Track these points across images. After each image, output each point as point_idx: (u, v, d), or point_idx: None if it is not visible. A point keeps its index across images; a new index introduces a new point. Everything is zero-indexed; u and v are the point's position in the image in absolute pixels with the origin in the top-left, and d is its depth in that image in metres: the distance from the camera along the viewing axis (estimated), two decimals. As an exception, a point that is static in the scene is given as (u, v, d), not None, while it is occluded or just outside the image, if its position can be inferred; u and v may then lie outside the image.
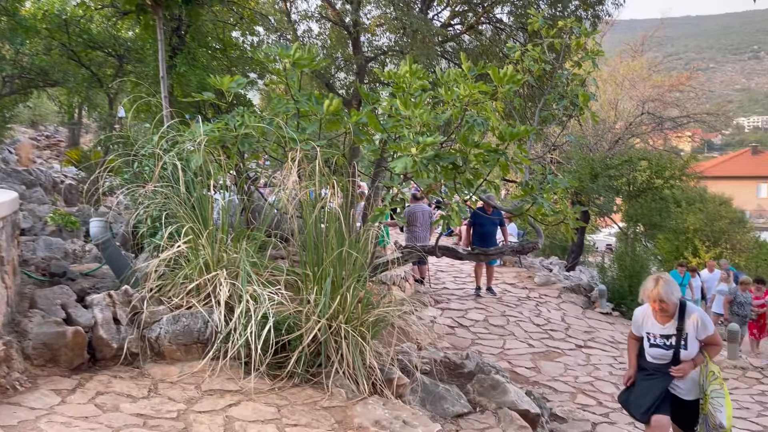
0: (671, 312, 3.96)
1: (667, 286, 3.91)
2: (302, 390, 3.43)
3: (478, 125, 4.12)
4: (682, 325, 3.95)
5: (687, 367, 3.96)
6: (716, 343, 4.06)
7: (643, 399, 4.04)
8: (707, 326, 3.96)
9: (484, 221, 9.61)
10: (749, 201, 38.68)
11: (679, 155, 21.90)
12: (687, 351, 3.95)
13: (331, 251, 3.77)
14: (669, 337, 3.99)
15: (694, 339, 3.95)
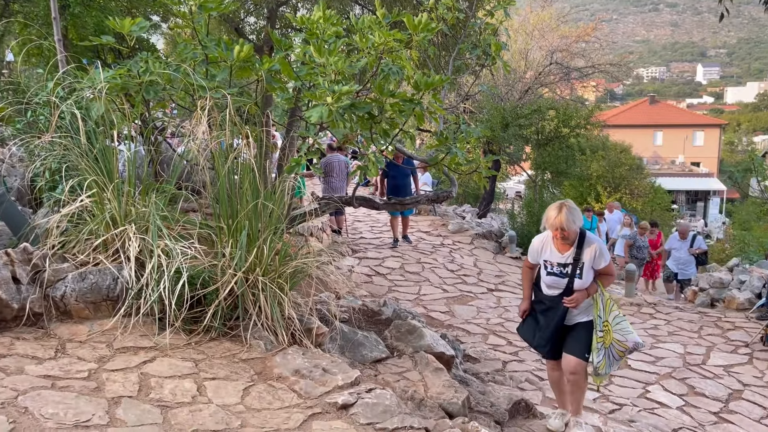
0: (572, 240, 3.88)
1: (570, 214, 3.79)
2: (220, 344, 3.40)
3: (393, 74, 4.09)
4: (579, 255, 3.87)
5: (580, 296, 3.88)
6: (610, 273, 4.01)
7: (543, 334, 4.01)
8: (604, 256, 3.90)
9: (396, 173, 9.68)
10: (646, 148, 41.04)
11: (584, 105, 22.77)
12: (581, 280, 3.88)
13: (246, 203, 3.69)
14: (566, 265, 3.92)
15: (589, 269, 3.89)
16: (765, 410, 5.15)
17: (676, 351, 6.53)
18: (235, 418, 2.64)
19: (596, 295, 3.90)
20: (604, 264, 3.89)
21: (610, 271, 3.99)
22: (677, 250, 11.23)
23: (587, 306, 3.95)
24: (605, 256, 3.90)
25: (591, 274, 3.90)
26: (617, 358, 3.85)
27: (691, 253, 11.10)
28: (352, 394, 2.97)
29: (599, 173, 24.58)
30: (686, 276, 11.07)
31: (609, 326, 3.79)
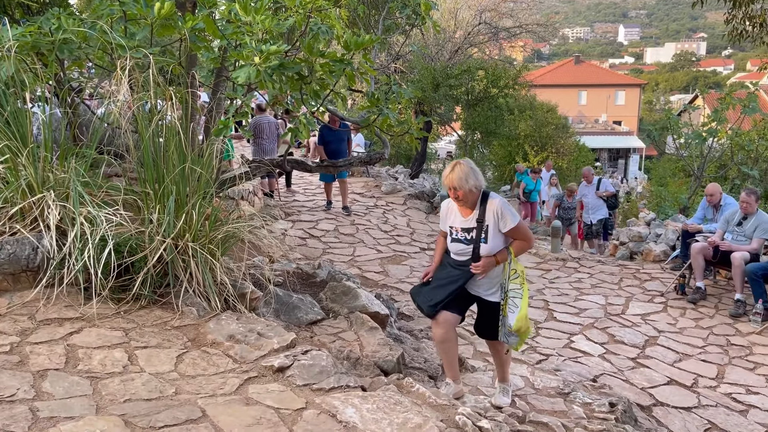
0: (471, 202, 3.53)
1: (463, 172, 3.45)
2: (151, 311, 3.32)
3: (322, 33, 4.02)
4: (482, 217, 3.51)
5: (487, 263, 3.50)
6: (524, 238, 3.59)
7: (434, 293, 3.63)
8: (507, 217, 3.48)
9: (331, 138, 9.44)
10: (571, 108, 42.21)
11: (512, 65, 23.10)
12: (487, 245, 3.51)
13: (173, 168, 3.58)
14: (470, 230, 3.55)
15: (496, 233, 3.51)
16: (678, 354, 5.52)
17: (598, 302, 6.87)
18: (169, 386, 2.61)
19: (506, 263, 3.53)
20: (511, 225, 3.49)
21: (523, 235, 3.57)
22: (585, 196, 11.36)
23: (499, 273, 3.58)
24: (511, 217, 3.49)
25: (499, 239, 3.53)
26: (507, 333, 3.54)
27: (599, 196, 11.17)
28: (288, 357, 2.98)
29: (527, 133, 25.16)
30: (597, 219, 11.20)
31: (507, 297, 3.50)
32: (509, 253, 3.53)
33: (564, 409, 3.77)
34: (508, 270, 3.51)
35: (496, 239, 3.53)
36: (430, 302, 3.61)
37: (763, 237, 6.88)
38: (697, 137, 12.34)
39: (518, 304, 3.45)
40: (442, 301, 3.57)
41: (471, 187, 3.47)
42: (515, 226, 3.51)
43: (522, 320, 3.43)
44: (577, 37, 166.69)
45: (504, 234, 3.53)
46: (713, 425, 4.27)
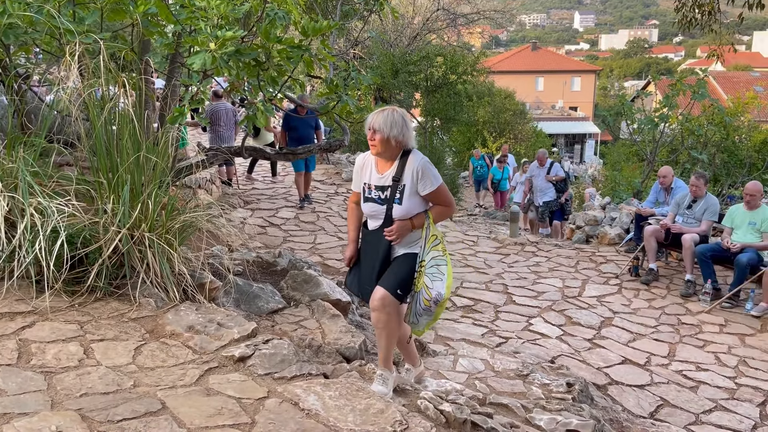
0: (385, 153, 3.11)
1: (392, 117, 3.06)
2: (106, 304, 3.25)
3: (279, 19, 3.96)
4: (399, 175, 3.11)
5: (400, 227, 3.11)
6: (445, 203, 3.21)
7: (366, 276, 3.26)
8: (428, 178, 3.09)
9: (297, 124, 9.09)
10: (529, 94, 42.73)
11: (470, 51, 23.22)
12: (401, 207, 3.11)
13: (127, 156, 3.49)
14: (385, 188, 3.15)
15: (413, 194, 3.11)
16: (632, 334, 5.69)
17: (555, 285, 7.02)
18: (127, 379, 2.56)
19: (424, 228, 3.14)
20: (430, 188, 3.09)
21: (444, 200, 3.20)
22: (536, 178, 11.34)
23: (416, 239, 3.19)
24: (432, 179, 3.09)
25: (416, 201, 3.13)
26: (423, 308, 3.09)
27: (548, 180, 11.16)
28: (249, 346, 2.96)
29: (485, 119, 25.41)
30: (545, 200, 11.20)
31: (423, 267, 3.07)
32: (427, 218, 3.13)
33: (523, 391, 3.85)
34: (426, 235, 3.11)
35: (412, 201, 3.12)
36: (367, 291, 3.22)
37: (712, 219, 7.12)
38: (649, 123, 12.64)
39: (444, 272, 3.07)
40: (374, 284, 3.16)
41: (394, 135, 3.05)
42: (436, 189, 3.11)
43: (449, 288, 3.08)
44: (534, 23, 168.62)
45: (423, 197, 3.13)
46: (665, 401, 4.42)
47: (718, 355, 5.31)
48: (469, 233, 9.66)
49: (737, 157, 13.60)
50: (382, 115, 3.07)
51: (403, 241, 3.16)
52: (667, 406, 4.36)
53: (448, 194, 3.23)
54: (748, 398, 4.58)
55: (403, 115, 3.12)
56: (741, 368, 5.09)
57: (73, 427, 2.13)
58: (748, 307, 6.32)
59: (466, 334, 5.13)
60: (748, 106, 14.95)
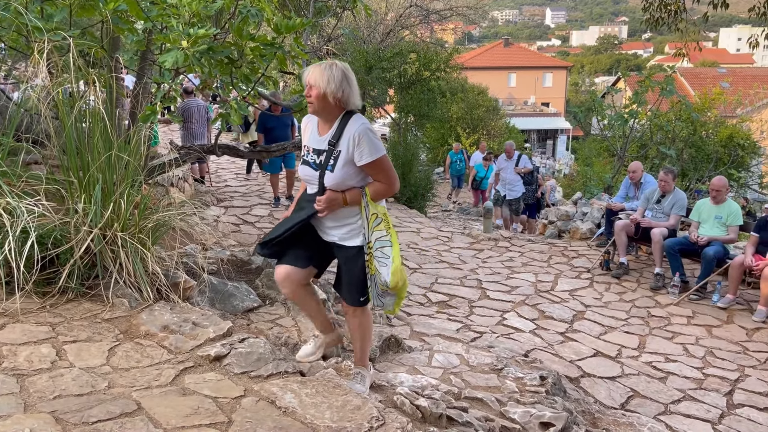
0: (322, 111, 2.81)
1: (330, 72, 2.74)
2: (79, 305, 3.22)
3: (252, 16, 3.94)
4: (336, 139, 2.79)
5: (330, 199, 2.80)
6: (385, 180, 2.86)
7: (273, 230, 2.99)
8: (365, 147, 2.74)
9: (274, 125, 9.01)
10: (501, 90, 43.06)
11: (443, 47, 23.29)
12: (332, 175, 2.80)
13: (98, 155, 3.45)
14: (321, 153, 2.85)
15: (348, 163, 2.79)
16: (603, 327, 5.80)
17: (528, 280, 7.11)
18: (101, 380, 2.54)
19: (362, 206, 2.84)
20: (368, 158, 2.76)
21: (385, 174, 2.85)
22: (504, 170, 11.38)
23: (354, 223, 2.90)
24: (370, 147, 2.75)
25: (351, 172, 2.80)
26: (380, 293, 2.92)
27: (517, 172, 11.20)
28: (225, 345, 2.96)
29: (459, 115, 25.55)
30: (513, 196, 11.28)
31: (372, 249, 2.83)
32: (364, 196, 2.82)
33: (498, 385, 3.91)
34: (366, 215, 2.82)
35: (346, 171, 2.80)
36: (263, 239, 2.96)
37: (680, 213, 7.28)
38: (619, 119, 12.84)
39: (389, 254, 2.80)
40: (275, 239, 2.90)
41: (332, 91, 2.73)
42: (374, 160, 2.77)
43: (398, 272, 2.81)
44: (506, 19, 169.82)
45: (359, 167, 2.80)
46: (635, 392, 4.52)
47: (686, 347, 5.44)
48: (444, 229, 9.72)
49: (704, 152, 13.89)
50: (319, 68, 2.75)
51: (335, 217, 2.87)
52: (638, 397, 4.46)
53: (391, 171, 2.87)
54: (715, 388, 4.71)
55: (344, 69, 2.78)
56: (708, 359, 5.23)
57: (47, 429, 2.11)
58: (714, 299, 6.48)
59: (442, 330, 5.18)
60: (714, 102, 15.26)
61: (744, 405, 4.49)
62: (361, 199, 2.83)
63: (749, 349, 5.45)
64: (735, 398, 4.58)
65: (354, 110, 2.82)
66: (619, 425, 3.77)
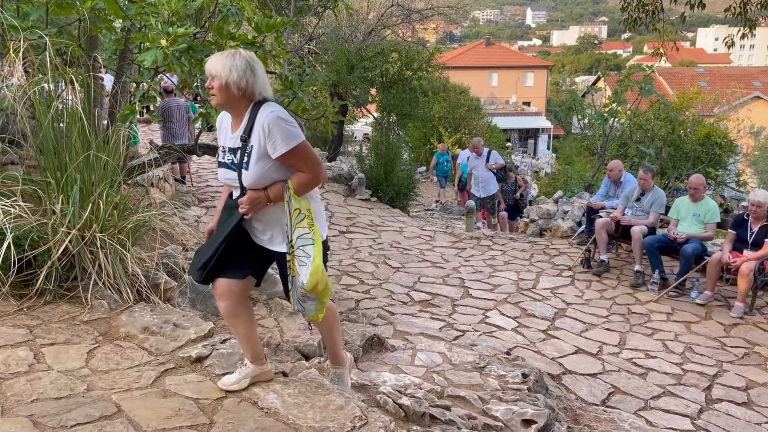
0: (228, 104, 2.54)
1: (232, 60, 2.47)
2: (57, 307, 3.18)
3: (232, 15, 3.92)
4: (248, 133, 2.53)
5: (251, 199, 2.53)
6: (308, 169, 2.54)
7: (204, 250, 2.65)
8: (277, 136, 2.45)
9: None
10: (483, 89, 43.28)
11: (425, 47, 23.35)
12: (248, 173, 2.53)
13: (76, 155, 3.41)
14: (236, 151, 2.58)
15: (263, 157, 2.51)
16: (584, 324, 5.84)
17: (510, 278, 7.15)
18: (80, 383, 2.51)
19: (285, 203, 2.55)
20: (283, 149, 2.48)
21: (308, 163, 2.54)
22: (475, 168, 11.16)
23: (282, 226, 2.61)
24: (282, 137, 2.47)
25: (267, 166, 2.53)
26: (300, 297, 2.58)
27: (488, 169, 11.02)
28: (206, 346, 2.94)
29: (441, 114, 25.63)
30: (487, 193, 11.11)
31: (293, 248, 2.56)
32: (287, 189, 2.52)
33: (480, 383, 3.92)
34: (289, 210, 2.53)
35: (263, 166, 2.52)
36: (196, 265, 2.64)
37: (659, 211, 7.36)
38: (599, 118, 12.96)
39: (310, 253, 2.50)
40: (210, 261, 2.59)
41: (234, 81, 2.47)
42: (291, 149, 2.48)
43: (317, 274, 2.50)
44: (488, 19, 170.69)
45: (277, 159, 2.51)
46: (616, 389, 4.57)
47: (666, 343, 5.51)
48: (426, 228, 9.74)
49: (682, 150, 14.08)
50: (220, 57, 2.52)
51: (261, 219, 2.61)
52: (618, 393, 4.50)
53: (313, 158, 2.56)
54: (694, 383, 4.77)
55: (247, 58, 2.52)
56: (687, 354, 5.29)
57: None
58: (693, 296, 6.57)
59: (424, 328, 5.19)
60: (692, 101, 15.47)
61: (722, 400, 4.55)
62: (284, 193, 2.53)
63: (727, 345, 5.54)
64: (713, 393, 4.65)
65: (265, 100, 2.56)
66: (600, 421, 3.80)
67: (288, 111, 4.89)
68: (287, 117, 2.51)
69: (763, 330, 5.90)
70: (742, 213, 6.79)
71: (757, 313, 6.25)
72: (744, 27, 8.49)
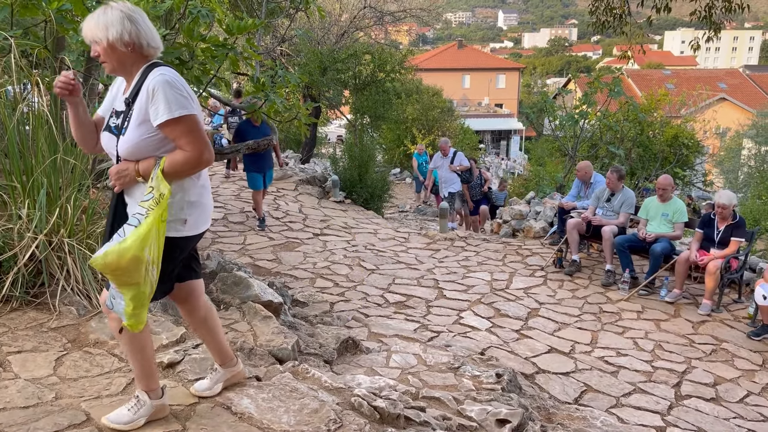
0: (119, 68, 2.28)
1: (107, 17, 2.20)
2: (24, 313, 3.11)
3: (203, 17, 3.88)
4: (133, 96, 2.25)
5: (120, 171, 2.25)
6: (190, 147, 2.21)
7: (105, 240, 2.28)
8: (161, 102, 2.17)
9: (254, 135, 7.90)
10: (456, 91, 43.55)
11: (398, 49, 23.41)
12: (123, 138, 2.23)
13: (43, 159, 3.35)
14: (120, 114, 2.30)
15: (143, 123, 2.21)
16: (557, 324, 5.91)
17: (484, 279, 7.19)
18: (48, 391, 2.46)
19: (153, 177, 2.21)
20: (165, 116, 2.17)
21: (190, 142, 2.21)
22: (440, 168, 11.23)
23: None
24: (168, 103, 2.18)
25: (144, 135, 2.23)
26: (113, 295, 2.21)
27: (452, 170, 11.05)
28: (179, 352, 2.90)
29: (414, 116, 25.71)
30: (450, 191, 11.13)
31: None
32: (157, 165, 2.21)
33: (455, 383, 3.94)
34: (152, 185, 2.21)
35: (141, 134, 2.23)
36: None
37: (629, 211, 7.49)
38: (570, 119, 13.13)
39: (126, 233, 2.15)
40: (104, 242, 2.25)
41: (115, 38, 2.19)
42: (172, 119, 2.18)
43: (115, 254, 2.11)
44: (460, 21, 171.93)
45: (158, 128, 2.21)
46: (588, 387, 4.62)
47: (636, 341, 5.60)
48: (401, 230, 9.76)
49: (651, 151, 14.33)
50: (91, 19, 2.22)
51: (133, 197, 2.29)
52: (590, 391, 4.56)
53: (198, 137, 2.23)
54: (664, 380, 4.86)
55: (122, 9, 2.23)
56: (657, 352, 5.39)
57: (-9, 444, 2.04)
58: (662, 294, 6.69)
59: (399, 330, 5.20)
60: (660, 102, 15.76)
61: (691, 396, 4.64)
62: (152, 167, 2.21)
63: (695, 342, 5.65)
64: (683, 389, 4.74)
65: (160, 63, 2.31)
66: (573, 419, 3.85)
67: (259, 112, 4.88)
68: (178, 84, 2.23)
69: (730, 327, 6.03)
70: (709, 212, 6.94)
71: (723, 310, 6.40)
72: (709, 30, 8.69)
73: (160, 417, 2.35)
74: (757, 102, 38.35)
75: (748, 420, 4.36)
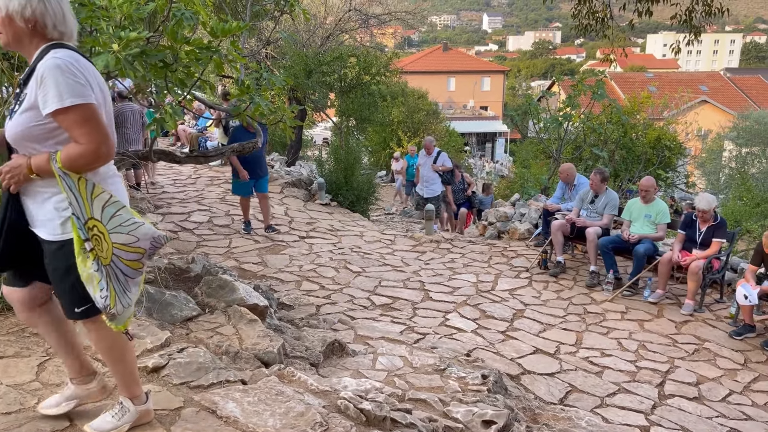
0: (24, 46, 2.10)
1: None
2: (5, 319, 3.08)
3: (186, 19, 3.86)
4: (25, 78, 2.07)
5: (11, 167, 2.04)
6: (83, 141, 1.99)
7: None
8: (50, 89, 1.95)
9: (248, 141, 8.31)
10: (441, 94, 43.69)
11: (383, 52, 23.44)
12: (11, 122, 2.06)
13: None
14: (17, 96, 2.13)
15: (32, 108, 2.01)
16: (542, 325, 5.95)
17: (470, 280, 7.22)
18: (30, 397, 2.44)
19: (58, 179, 2.00)
20: (54, 104, 1.95)
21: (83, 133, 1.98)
22: (423, 167, 11.28)
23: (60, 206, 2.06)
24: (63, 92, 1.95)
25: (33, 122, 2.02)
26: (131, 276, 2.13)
27: (434, 170, 11.08)
28: (163, 356, 2.89)
29: (400, 119, 25.77)
30: (431, 194, 11.18)
31: (101, 227, 2.05)
32: (53, 161, 1.98)
33: (441, 385, 3.95)
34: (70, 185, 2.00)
35: (27, 120, 2.02)
36: None
37: (612, 213, 7.56)
38: (554, 122, 13.21)
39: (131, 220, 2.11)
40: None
41: (15, 9, 2.00)
42: (63, 108, 1.96)
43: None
44: (445, 24, 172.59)
45: (49, 117, 1.99)
46: (573, 387, 4.66)
47: (620, 341, 5.65)
48: (387, 232, 9.77)
49: (634, 153, 14.46)
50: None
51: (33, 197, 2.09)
52: (575, 392, 4.60)
53: (95, 128, 2.00)
54: (648, 380, 4.91)
55: None
56: (641, 352, 5.44)
57: (-28, 451, 2.02)
58: (646, 295, 6.76)
59: (385, 332, 5.20)
60: (643, 105, 15.90)
61: (674, 395, 4.69)
62: (51, 166, 1.99)
63: (678, 342, 5.71)
64: (666, 389, 4.79)
65: (62, 44, 2.07)
66: (558, 420, 3.87)
67: (244, 115, 4.86)
68: (74, 68, 1.99)
69: (712, 326, 6.11)
70: (691, 214, 7.02)
71: (705, 310, 6.47)
72: (690, 33, 8.79)
73: (145, 422, 2.34)
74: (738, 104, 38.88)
75: (731, 419, 4.42)
